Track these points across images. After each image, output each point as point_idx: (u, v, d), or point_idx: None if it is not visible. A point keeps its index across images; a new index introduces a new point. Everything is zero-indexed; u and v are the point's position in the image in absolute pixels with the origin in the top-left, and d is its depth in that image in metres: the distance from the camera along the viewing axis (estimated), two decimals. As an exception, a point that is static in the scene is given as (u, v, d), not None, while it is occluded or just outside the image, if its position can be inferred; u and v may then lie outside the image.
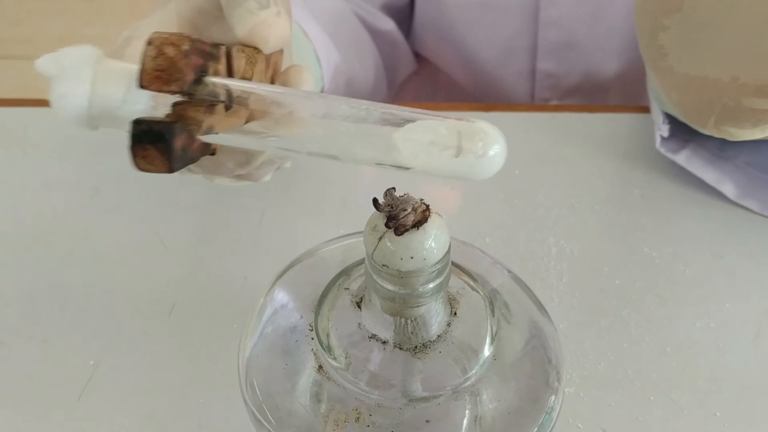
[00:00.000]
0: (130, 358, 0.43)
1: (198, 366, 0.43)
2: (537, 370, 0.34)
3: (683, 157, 0.52)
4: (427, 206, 0.28)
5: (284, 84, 0.36)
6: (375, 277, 0.29)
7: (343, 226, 0.50)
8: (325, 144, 0.27)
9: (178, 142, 0.25)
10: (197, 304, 0.46)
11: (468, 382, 0.31)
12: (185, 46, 0.25)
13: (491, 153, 0.26)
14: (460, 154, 0.26)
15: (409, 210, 0.27)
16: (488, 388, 0.32)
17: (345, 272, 0.34)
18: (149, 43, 0.25)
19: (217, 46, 0.28)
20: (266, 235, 0.50)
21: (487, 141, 0.26)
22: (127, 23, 0.35)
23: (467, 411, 0.31)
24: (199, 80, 0.27)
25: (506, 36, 0.66)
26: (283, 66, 0.36)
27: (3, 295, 0.46)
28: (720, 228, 0.51)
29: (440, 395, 0.31)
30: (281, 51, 0.35)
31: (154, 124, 0.24)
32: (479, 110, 0.61)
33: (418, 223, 0.27)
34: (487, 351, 0.31)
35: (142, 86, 0.25)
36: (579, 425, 0.40)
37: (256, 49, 0.32)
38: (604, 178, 0.54)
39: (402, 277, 0.28)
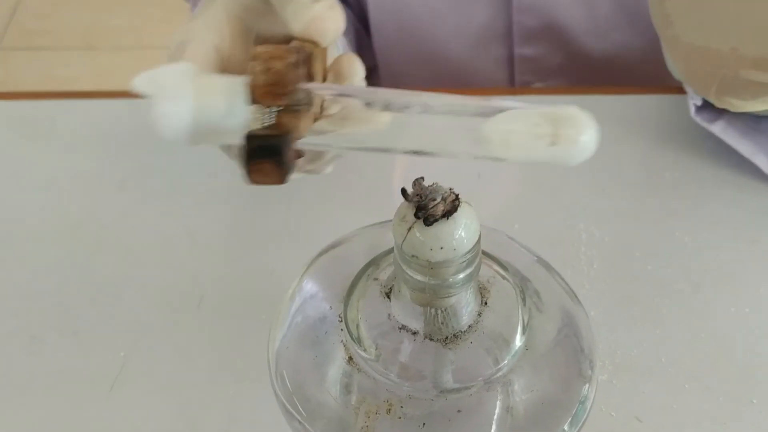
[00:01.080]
0: (160, 351, 0.43)
1: (227, 358, 0.43)
2: (570, 359, 0.33)
3: (719, 127, 0.51)
4: (457, 195, 0.27)
5: (337, 74, 0.36)
6: (404, 267, 0.29)
7: (370, 214, 0.49)
8: (418, 140, 0.27)
9: (291, 153, 0.25)
10: (225, 297, 0.46)
11: (500, 373, 0.30)
12: (291, 59, 0.25)
13: (584, 138, 0.26)
14: (555, 143, 0.25)
15: (439, 200, 0.27)
16: (520, 378, 0.31)
17: (373, 262, 0.34)
18: (254, 58, 0.25)
19: (301, 49, 0.28)
20: (293, 226, 0.49)
21: (580, 127, 0.26)
22: (152, 14, 0.35)
23: (499, 402, 0.31)
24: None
25: (478, 24, 0.63)
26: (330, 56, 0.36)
27: (33, 290, 0.47)
28: (754, 211, 0.50)
29: (472, 386, 0.30)
30: None
31: (267, 139, 0.25)
32: (505, 94, 0.60)
33: (448, 213, 0.27)
34: (518, 341, 0.31)
35: (254, 102, 0.25)
36: (612, 414, 0.40)
37: (314, 44, 0.32)
38: (634, 161, 0.53)
39: (432, 267, 0.28)
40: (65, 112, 0.57)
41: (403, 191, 0.28)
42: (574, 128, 0.26)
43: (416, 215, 0.27)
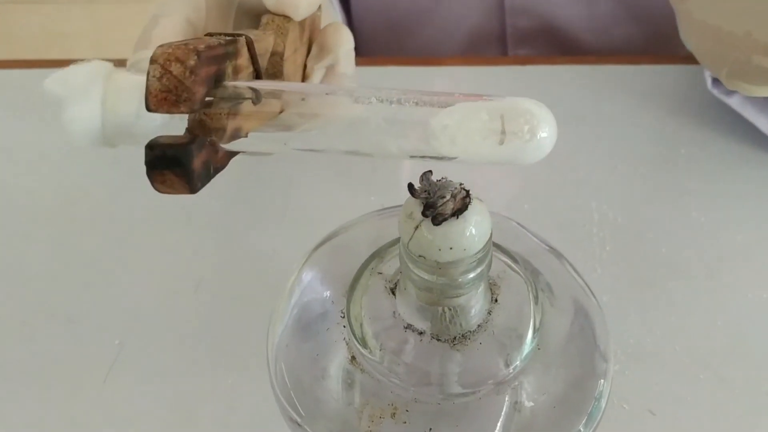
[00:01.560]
0: (156, 337, 0.41)
1: (226, 345, 0.41)
2: (583, 356, 0.32)
3: (736, 101, 0.49)
4: (467, 192, 0.25)
5: (323, 44, 0.35)
6: (411, 265, 0.27)
7: (374, 193, 0.47)
8: (356, 140, 0.25)
9: (198, 162, 0.23)
10: (224, 280, 0.44)
11: (510, 375, 0.29)
12: (191, 61, 0.22)
13: (539, 136, 0.23)
14: (505, 141, 0.23)
15: (448, 197, 0.25)
16: (532, 380, 0.30)
17: (377, 254, 0.32)
18: (153, 60, 0.22)
19: (234, 39, 0.26)
20: (294, 205, 0.48)
21: (534, 123, 0.23)
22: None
23: (509, 405, 0.29)
24: (217, 84, 0.24)
25: (470, 25, 0.61)
26: (323, 23, 0.33)
27: (24, 272, 0.45)
28: (774, 190, 0.48)
29: (481, 390, 0.29)
30: (318, 8, 0.33)
31: (167, 148, 0.22)
32: (515, 63, 0.58)
33: (458, 212, 0.25)
34: (530, 341, 0.29)
35: (149, 109, 0.22)
36: (624, 406, 0.39)
37: (287, 18, 0.30)
38: (648, 137, 0.51)
39: (440, 267, 0.26)
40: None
41: (410, 187, 0.26)
42: (528, 125, 0.23)
43: (424, 214, 0.25)
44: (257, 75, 0.29)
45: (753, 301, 0.42)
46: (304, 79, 0.37)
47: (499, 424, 0.29)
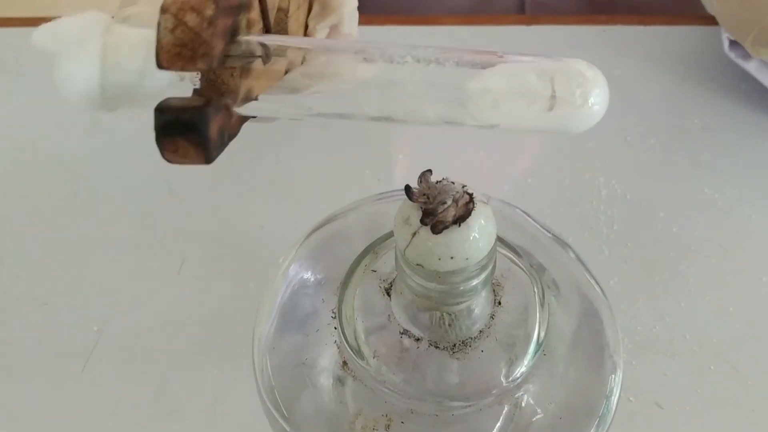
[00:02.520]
0: (137, 323, 0.39)
1: (211, 331, 0.39)
2: (592, 357, 0.30)
3: (754, 66, 0.46)
4: (471, 196, 0.23)
5: (325, 2, 0.32)
6: (407, 271, 0.25)
7: (368, 167, 0.45)
8: (388, 104, 0.22)
9: (214, 128, 0.20)
10: (209, 260, 0.42)
11: (514, 384, 0.27)
12: (209, 11, 0.19)
13: (591, 101, 0.21)
14: (555, 106, 0.20)
15: (449, 203, 0.23)
16: (537, 388, 0.28)
17: (371, 249, 0.29)
18: (164, 10, 0.19)
19: None
20: (283, 178, 0.45)
21: (587, 87, 0.21)
22: None
23: (514, 417, 0.27)
24: (232, 39, 0.21)
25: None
26: None
27: (-4, 252, 0.42)
28: (793, 165, 0.45)
29: (482, 401, 0.27)
30: None
31: (182, 112, 0.19)
32: (520, 23, 0.54)
33: (460, 219, 0.23)
34: (536, 347, 0.27)
35: (161, 67, 0.19)
36: (631, 398, 0.37)
37: None
38: (660, 105, 0.48)
39: (440, 276, 0.24)
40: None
41: (407, 189, 0.23)
42: (580, 88, 0.21)
43: (423, 221, 0.23)
44: (267, 31, 0.26)
45: (767, 286, 0.40)
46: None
47: (501, 438, 0.27)
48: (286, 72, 0.24)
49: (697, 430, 0.36)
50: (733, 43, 0.46)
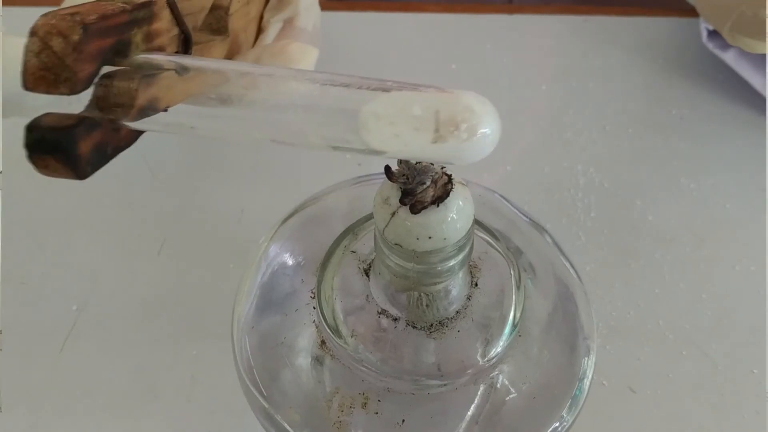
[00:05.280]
0: (117, 303, 0.39)
1: (191, 311, 0.39)
2: (566, 339, 0.30)
3: (732, 57, 0.47)
4: (449, 177, 0.23)
5: None
6: (386, 252, 0.25)
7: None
8: (274, 128, 0.21)
9: (85, 146, 0.20)
10: (189, 241, 0.41)
11: (490, 364, 0.27)
12: (75, 36, 0.19)
13: (479, 134, 0.20)
14: (438, 140, 0.20)
15: (428, 183, 0.23)
16: (513, 368, 0.28)
17: (351, 230, 0.30)
18: (32, 33, 0.19)
19: (148, 1, 0.22)
20: (265, 161, 0.45)
21: (474, 122, 0.20)
22: None
23: (489, 396, 0.28)
24: (121, 55, 0.21)
25: None
26: None
27: (-25, 229, 0.42)
28: None
29: (458, 380, 0.27)
30: None
31: (48, 132, 0.19)
32: (501, 12, 0.54)
33: (438, 200, 0.23)
34: (511, 328, 0.28)
35: (26, 88, 0.19)
36: (604, 382, 0.37)
37: None
38: (639, 95, 0.49)
39: (418, 256, 0.24)
40: (11, 20, 0.51)
41: (387, 169, 0.23)
42: (465, 123, 0.19)
43: (402, 201, 0.23)
44: (185, 37, 0.26)
45: (740, 274, 0.41)
46: (259, 32, 0.33)
47: (477, 415, 0.28)
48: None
49: (669, 414, 0.36)
50: (712, 34, 0.47)
